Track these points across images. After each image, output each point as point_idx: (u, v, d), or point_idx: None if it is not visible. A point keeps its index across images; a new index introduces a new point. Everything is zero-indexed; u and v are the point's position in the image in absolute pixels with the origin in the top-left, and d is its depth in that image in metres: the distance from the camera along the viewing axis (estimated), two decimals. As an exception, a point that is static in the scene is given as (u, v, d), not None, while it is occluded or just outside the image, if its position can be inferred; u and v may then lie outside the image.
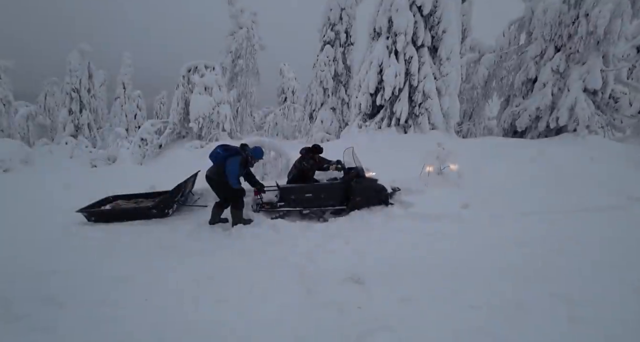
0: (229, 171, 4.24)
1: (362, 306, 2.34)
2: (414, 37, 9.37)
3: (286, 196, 4.79)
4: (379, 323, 2.15)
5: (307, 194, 4.76)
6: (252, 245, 3.71)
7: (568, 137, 8.18)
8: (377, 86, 9.62)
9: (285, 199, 4.80)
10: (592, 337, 1.96)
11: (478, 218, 4.07)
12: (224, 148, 4.43)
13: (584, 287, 2.49)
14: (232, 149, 4.42)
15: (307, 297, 2.55)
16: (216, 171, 4.38)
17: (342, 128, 14.24)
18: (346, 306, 2.36)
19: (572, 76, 8.69)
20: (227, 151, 4.38)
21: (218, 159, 4.38)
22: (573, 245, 3.25)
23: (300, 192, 4.78)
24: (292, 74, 22.54)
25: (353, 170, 4.93)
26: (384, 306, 2.34)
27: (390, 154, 7.33)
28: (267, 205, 4.85)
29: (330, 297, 2.50)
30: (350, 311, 2.30)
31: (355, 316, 2.25)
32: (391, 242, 3.50)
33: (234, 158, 4.29)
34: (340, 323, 2.19)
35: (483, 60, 11.62)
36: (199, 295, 2.57)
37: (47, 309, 2.37)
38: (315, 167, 5.17)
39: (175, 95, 11.24)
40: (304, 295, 2.58)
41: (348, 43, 15.20)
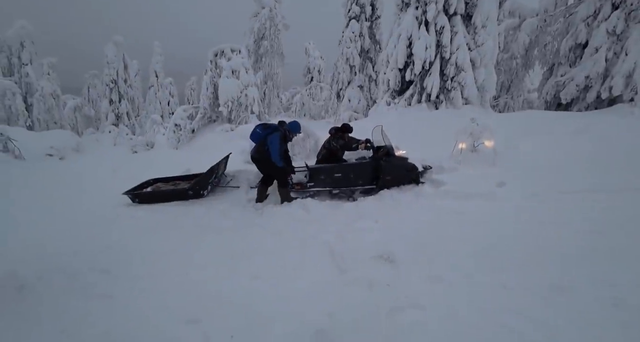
0: (272, 149, 4.30)
1: (392, 284, 2.37)
2: (446, 4, 8.71)
3: (316, 176, 4.82)
4: (409, 301, 2.16)
5: (337, 174, 4.79)
6: (283, 224, 3.83)
7: (623, 108, 7.38)
8: (406, 61, 9.18)
9: (314, 180, 4.83)
10: (633, 321, 1.85)
11: (513, 197, 3.88)
12: (263, 127, 4.50)
13: (626, 271, 2.33)
14: (271, 126, 4.48)
15: (338, 274, 2.61)
16: (259, 150, 4.46)
17: (370, 106, 13.89)
18: (376, 283, 2.40)
19: (632, 38, 7.71)
20: (266, 129, 4.44)
21: (259, 138, 4.46)
22: (615, 227, 3.02)
23: (329, 172, 4.81)
24: (318, 53, 22.01)
25: (382, 149, 4.86)
26: (413, 284, 2.35)
27: (420, 131, 7.09)
28: (298, 185, 4.91)
29: (361, 274, 2.54)
30: (380, 288, 2.34)
31: (385, 293, 2.28)
32: (421, 221, 3.46)
33: (274, 135, 4.34)
34: (370, 299, 2.23)
35: (524, 25, 10.57)
36: (234, 270, 2.73)
37: (105, 279, 2.67)
38: (344, 146, 5.19)
39: (204, 81, 11.49)
40: (335, 272, 2.64)
41: (375, 16, 14.51)
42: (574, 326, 1.85)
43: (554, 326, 1.86)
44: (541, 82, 10.58)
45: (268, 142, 4.36)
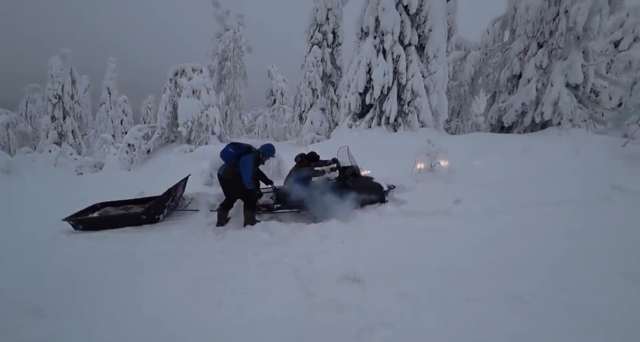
0: (244, 172, 4.17)
1: (360, 304, 2.34)
2: (401, 36, 9.45)
3: (282, 197, 4.73)
4: (378, 320, 2.15)
5: (303, 194, 4.70)
6: (245, 247, 3.66)
7: (553, 131, 8.38)
8: (366, 85, 9.67)
9: (281, 201, 4.74)
10: (590, 324, 2.00)
11: (470, 212, 4.11)
12: (236, 146, 4.34)
13: (578, 276, 2.54)
14: (244, 147, 4.36)
15: (304, 297, 2.53)
16: (228, 170, 4.30)
17: (332, 128, 14.26)
18: (344, 304, 2.35)
19: (554, 71, 8.91)
20: (239, 149, 4.31)
21: (230, 158, 4.31)
22: (564, 235, 3.31)
23: (297, 193, 4.70)
24: (281, 76, 22.48)
25: (348, 169, 4.90)
26: (381, 303, 2.34)
27: (381, 152, 7.36)
28: (264, 207, 4.80)
29: (328, 296, 2.49)
30: (349, 309, 2.30)
31: (353, 314, 2.24)
32: (385, 240, 3.51)
33: (248, 156, 4.22)
34: (339, 322, 2.18)
35: (469, 57, 11.81)
36: (195, 299, 2.53)
37: (36, 321, 2.29)
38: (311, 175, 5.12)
39: (163, 99, 11.05)
40: (302, 295, 2.56)
41: (336, 43, 15.24)
42: (534, 332, 1.94)
43: (516, 333, 1.94)
44: (486, 108, 11.73)
45: (240, 163, 4.22)
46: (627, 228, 3.46)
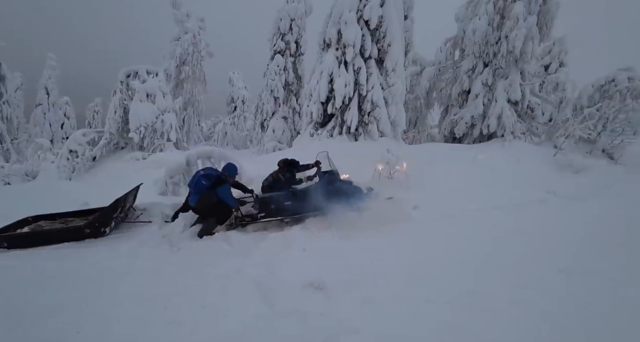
0: (227, 199, 4.33)
1: (325, 312, 2.30)
2: (362, 49, 9.83)
3: (266, 206, 4.67)
4: (343, 327, 2.13)
5: (287, 201, 4.68)
6: (203, 259, 3.45)
7: (497, 142, 9.19)
8: (328, 95, 9.86)
9: (265, 209, 4.66)
10: (534, 316, 2.18)
11: (427, 217, 4.31)
12: (207, 178, 4.35)
13: (524, 273, 2.76)
14: (214, 177, 4.38)
15: (266, 308, 2.43)
16: (201, 201, 4.32)
17: (293, 137, 14.26)
18: (308, 313, 2.30)
19: (498, 89, 9.84)
20: (210, 180, 4.33)
21: (202, 190, 4.31)
22: (514, 236, 3.62)
23: (279, 201, 4.68)
24: (242, 83, 22.12)
25: (328, 173, 4.94)
26: (346, 310, 2.32)
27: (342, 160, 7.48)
28: (248, 217, 4.69)
29: (291, 306, 2.42)
30: (313, 318, 2.25)
31: (318, 323, 2.20)
32: (348, 247, 3.53)
33: (224, 187, 4.34)
34: (303, 331, 2.12)
35: (424, 73, 12.61)
36: (147, 319, 2.30)
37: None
38: (289, 181, 5.19)
39: (112, 103, 10.23)
40: (264, 307, 2.45)
41: (299, 53, 15.42)
42: (489, 328, 2.08)
43: (471, 330, 2.05)
44: (440, 120, 12.55)
45: (220, 194, 4.30)
46: (560, 229, 3.87)
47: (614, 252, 3.25)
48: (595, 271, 2.85)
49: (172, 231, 4.52)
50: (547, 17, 10.12)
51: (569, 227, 3.99)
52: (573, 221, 4.19)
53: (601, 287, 2.60)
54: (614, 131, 7.43)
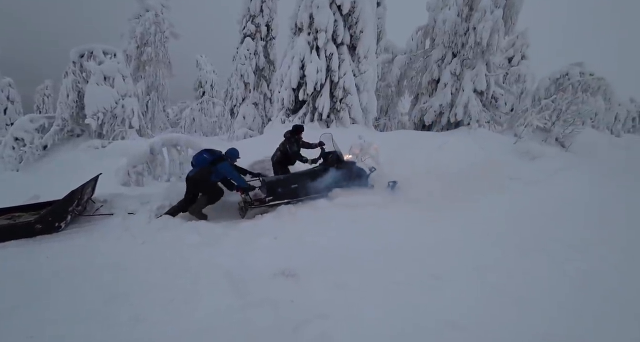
0: (232, 177, 4.50)
1: (296, 299, 2.31)
2: (334, 34, 9.67)
3: (273, 190, 4.69)
4: (314, 312, 2.15)
5: (293, 184, 4.74)
6: (170, 252, 3.32)
7: (464, 130, 9.56)
8: (300, 81, 9.67)
9: (272, 193, 4.69)
10: (496, 295, 2.36)
11: (398, 204, 4.44)
12: (210, 153, 4.57)
13: (487, 255, 2.95)
14: (217, 153, 4.59)
15: (237, 298, 2.40)
16: (199, 172, 4.46)
17: (265, 124, 13.96)
18: (279, 301, 2.30)
19: (465, 78, 10.17)
20: (213, 155, 4.53)
21: (204, 163, 4.48)
22: (477, 220, 3.82)
23: (286, 184, 4.75)
24: (211, 67, 21.08)
25: (331, 155, 5.05)
26: (317, 295, 2.35)
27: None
28: (257, 201, 4.68)
29: (262, 295, 2.41)
30: (284, 306, 2.25)
31: (289, 310, 2.21)
32: (319, 233, 3.56)
33: (224, 164, 4.47)
34: (274, 320, 2.12)
35: (396, 61, 12.70)
36: (108, 318, 2.18)
37: None
38: (297, 155, 5.26)
39: (64, 85, 9.34)
40: (234, 297, 2.42)
41: (270, 37, 14.92)
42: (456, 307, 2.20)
43: (436, 310, 2.17)
44: (410, 108, 12.81)
45: (221, 169, 4.45)
46: (522, 212, 4.15)
47: (563, 231, 3.56)
48: (547, 249, 3.11)
49: (137, 223, 4.31)
50: (512, 11, 10.50)
51: (526, 209, 4.30)
52: (529, 203, 4.51)
53: (552, 263, 2.84)
54: (566, 121, 7.99)
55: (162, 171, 6.27)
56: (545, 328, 2.03)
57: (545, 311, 2.19)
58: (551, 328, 2.03)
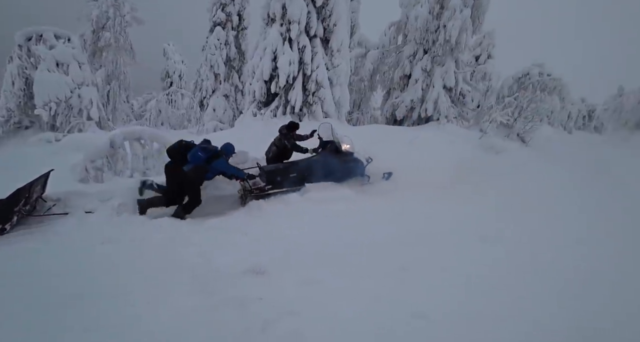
0: (229, 171, 4.45)
1: (264, 296, 2.26)
2: (307, 27, 9.54)
3: (272, 178, 4.79)
4: (283, 310, 2.10)
5: (292, 174, 4.84)
6: (133, 251, 3.13)
7: (433, 125, 9.87)
8: (272, 73, 9.48)
9: (271, 181, 4.78)
10: (459, 281, 2.47)
11: (368, 198, 4.49)
12: (203, 150, 4.37)
13: (449, 244, 3.06)
14: (211, 150, 4.44)
15: (204, 299, 2.30)
16: (193, 170, 4.32)
17: (236, 117, 13.58)
18: (247, 299, 2.23)
19: (435, 75, 10.45)
20: (207, 153, 4.36)
21: (199, 161, 4.32)
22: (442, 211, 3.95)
23: (285, 173, 4.84)
24: (179, 57, 20.11)
25: (330, 144, 5.15)
26: (288, 292, 2.31)
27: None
28: (257, 190, 4.74)
29: (229, 293, 2.32)
30: (252, 304, 2.19)
31: (257, 308, 2.14)
32: (290, 228, 3.53)
33: (220, 160, 4.38)
34: (242, 318, 2.05)
35: (369, 55, 12.81)
36: (56, 328, 1.99)
37: None
38: (294, 146, 5.36)
39: (9, 72, 8.48)
40: (200, 297, 2.32)
41: (241, 27, 14.43)
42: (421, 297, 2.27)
43: (406, 302, 2.20)
44: (382, 102, 13.01)
45: (217, 166, 4.38)
46: (481, 202, 4.35)
47: (524, 221, 3.78)
48: (509, 237, 3.28)
49: (96, 222, 4.02)
50: (480, 11, 10.91)
51: (490, 201, 4.52)
52: (491, 195, 4.75)
53: (514, 251, 3.00)
54: (527, 118, 8.48)
55: (124, 166, 5.89)
56: (505, 311, 2.13)
57: (506, 297, 2.30)
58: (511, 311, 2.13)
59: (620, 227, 3.82)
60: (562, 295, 2.37)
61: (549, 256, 2.96)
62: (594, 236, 3.50)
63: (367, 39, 14.03)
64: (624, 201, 4.85)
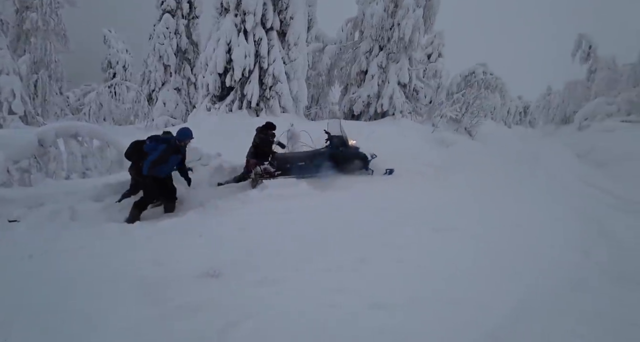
0: (151, 156, 3.94)
1: (221, 301, 2.16)
2: (263, 18, 9.27)
3: (282, 165, 5.11)
4: (241, 313, 2.03)
5: (301, 162, 5.19)
6: (70, 263, 2.79)
7: (389, 119, 10.25)
8: (226, 66, 9.09)
9: (281, 168, 5.09)
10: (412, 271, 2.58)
11: (325, 193, 4.55)
12: (156, 140, 4.09)
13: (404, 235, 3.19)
14: (160, 139, 4.11)
15: (154, 307, 2.13)
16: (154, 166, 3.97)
17: (189, 111, 12.86)
18: (202, 304, 2.11)
19: (390, 71, 10.81)
20: (153, 142, 4.05)
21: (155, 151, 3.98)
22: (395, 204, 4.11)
23: (294, 161, 5.20)
24: (123, 45, 18.42)
25: (336, 138, 5.43)
26: (244, 294, 2.23)
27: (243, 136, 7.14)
28: (267, 174, 4.97)
29: (183, 299, 2.18)
30: (207, 309, 2.07)
31: (213, 313, 2.04)
32: (248, 227, 3.44)
33: (161, 146, 4.01)
34: (196, 325, 1.94)
35: (326, 50, 12.83)
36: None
37: None
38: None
39: None
40: (150, 307, 2.14)
41: (193, 15, 13.60)
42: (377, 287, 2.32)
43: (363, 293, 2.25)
44: (340, 97, 13.17)
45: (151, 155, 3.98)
46: (434, 194, 4.61)
47: (472, 210, 4.07)
48: (460, 227, 3.51)
49: (22, 233, 3.53)
50: (431, 12, 11.43)
51: (440, 192, 4.81)
52: (443, 186, 5.06)
53: (465, 238, 3.22)
54: (473, 114, 9.15)
55: (58, 166, 5.25)
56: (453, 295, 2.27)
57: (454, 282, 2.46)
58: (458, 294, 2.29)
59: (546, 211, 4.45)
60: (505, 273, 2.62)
61: (494, 240, 3.24)
62: (527, 219, 3.96)
63: (324, 34, 14.05)
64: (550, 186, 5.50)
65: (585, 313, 2.18)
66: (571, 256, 3.09)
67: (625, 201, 5.43)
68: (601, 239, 3.57)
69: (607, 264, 2.97)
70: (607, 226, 4.03)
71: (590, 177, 6.54)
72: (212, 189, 4.86)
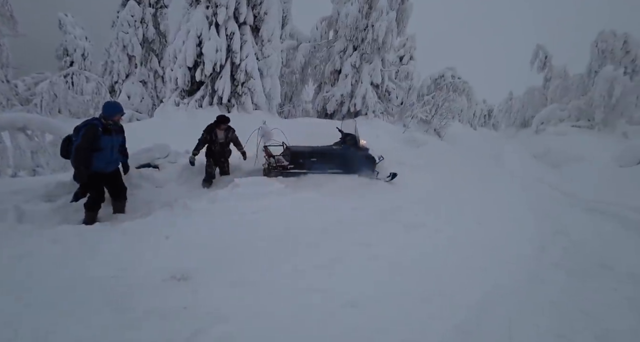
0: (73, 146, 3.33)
1: (189, 305, 2.06)
2: (236, 12, 9.00)
3: (295, 159, 5.14)
4: (211, 317, 1.96)
5: (312, 158, 5.19)
6: (18, 273, 2.52)
7: (362, 119, 10.39)
8: (196, 60, 8.72)
9: (294, 162, 5.11)
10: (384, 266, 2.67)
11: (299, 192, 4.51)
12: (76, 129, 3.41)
13: (376, 232, 3.26)
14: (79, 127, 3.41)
15: (116, 315, 1.99)
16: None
17: (156, 105, 12.21)
18: (169, 310, 2.01)
19: (364, 72, 10.96)
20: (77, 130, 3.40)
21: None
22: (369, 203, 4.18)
23: (307, 156, 5.20)
24: (81, 31, 17.05)
25: (349, 137, 5.52)
26: (214, 297, 2.15)
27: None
28: (280, 167, 5.03)
29: (148, 306, 2.05)
30: (175, 315, 1.98)
31: (181, 318, 1.95)
32: (217, 227, 3.29)
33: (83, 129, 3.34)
34: (164, 332, 1.84)
35: (300, 48, 12.75)
36: None
37: None
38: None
39: None
40: (113, 315, 2.00)
41: (161, 4, 12.92)
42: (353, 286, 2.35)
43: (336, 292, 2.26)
44: (314, 96, 13.17)
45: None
46: (406, 193, 4.74)
47: (440, 208, 4.24)
48: (428, 224, 3.63)
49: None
50: (404, 15, 11.75)
51: (410, 191, 4.95)
52: (413, 186, 5.23)
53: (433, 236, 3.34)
54: (442, 115, 9.55)
55: (3, 163, 4.77)
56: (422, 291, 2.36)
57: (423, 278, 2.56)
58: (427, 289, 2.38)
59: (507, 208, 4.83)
60: (470, 268, 2.78)
61: (460, 237, 3.41)
62: (488, 217, 4.24)
63: (299, 31, 13.94)
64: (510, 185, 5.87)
65: (542, 304, 2.35)
66: (529, 250, 3.33)
67: (577, 199, 5.96)
68: (555, 235, 3.88)
69: (560, 257, 3.23)
70: (561, 222, 4.43)
71: (546, 176, 7.09)
72: (180, 187, 4.64)
